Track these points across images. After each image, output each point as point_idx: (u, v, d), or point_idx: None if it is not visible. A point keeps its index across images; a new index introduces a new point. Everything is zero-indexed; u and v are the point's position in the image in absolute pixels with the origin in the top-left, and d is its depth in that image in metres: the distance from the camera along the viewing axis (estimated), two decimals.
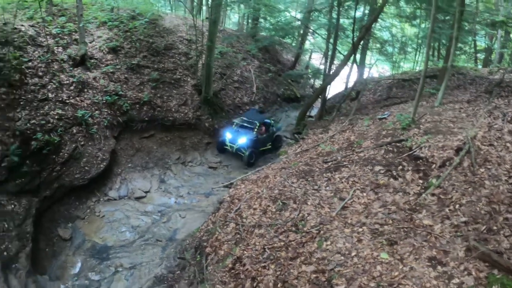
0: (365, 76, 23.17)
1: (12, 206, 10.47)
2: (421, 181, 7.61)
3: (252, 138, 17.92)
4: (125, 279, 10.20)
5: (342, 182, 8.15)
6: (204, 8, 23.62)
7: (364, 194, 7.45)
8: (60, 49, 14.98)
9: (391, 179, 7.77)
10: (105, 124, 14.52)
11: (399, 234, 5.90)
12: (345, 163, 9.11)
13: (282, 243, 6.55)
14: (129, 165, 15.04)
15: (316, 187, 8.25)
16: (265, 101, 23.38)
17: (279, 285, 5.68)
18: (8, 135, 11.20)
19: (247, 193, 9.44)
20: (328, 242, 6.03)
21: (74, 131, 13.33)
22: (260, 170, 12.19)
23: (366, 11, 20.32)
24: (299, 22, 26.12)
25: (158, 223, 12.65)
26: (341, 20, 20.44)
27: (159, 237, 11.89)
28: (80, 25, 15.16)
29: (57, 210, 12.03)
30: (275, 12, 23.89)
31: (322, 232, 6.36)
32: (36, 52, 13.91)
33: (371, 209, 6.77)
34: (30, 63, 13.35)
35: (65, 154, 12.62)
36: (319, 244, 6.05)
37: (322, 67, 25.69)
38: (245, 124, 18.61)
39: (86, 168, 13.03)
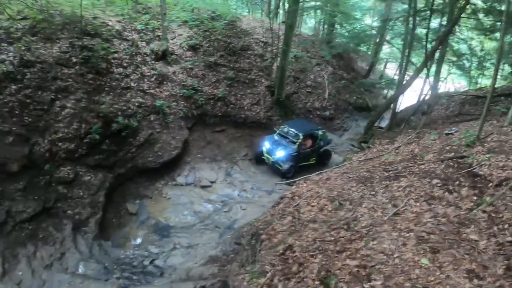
0: (439, 90, 22.30)
1: (89, 177, 11.78)
2: (475, 198, 7.62)
3: (292, 152, 16.07)
4: (181, 256, 10.86)
5: (398, 191, 8.27)
6: (280, 12, 23.99)
7: (418, 204, 7.54)
8: (144, 43, 16.27)
9: (446, 193, 7.83)
10: (181, 115, 15.40)
11: (443, 244, 5.98)
12: (405, 173, 9.20)
13: (332, 238, 6.82)
14: (199, 155, 15.74)
15: (373, 192, 8.43)
16: (336, 108, 23.28)
17: (322, 273, 5.96)
18: (92, 116, 12.46)
19: (308, 191, 9.68)
20: (375, 242, 6.24)
21: (152, 118, 14.35)
22: (323, 173, 12.25)
23: (444, 22, 19.62)
24: (374, 31, 25.79)
25: (219, 211, 13.18)
26: (418, 30, 19.77)
27: (218, 224, 12.43)
28: (164, 24, 16.24)
29: (128, 187, 13.07)
30: (350, 19, 23.77)
31: (371, 232, 6.57)
32: (122, 45, 15.24)
33: (421, 218, 6.88)
34: (116, 54, 14.65)
35: (141, 138, 13.68)
36: (366, 243, 6.27)
37: (396, 77, 25.12)
38: (288, 135, 16.80)
39: (159, 153, 13.91)
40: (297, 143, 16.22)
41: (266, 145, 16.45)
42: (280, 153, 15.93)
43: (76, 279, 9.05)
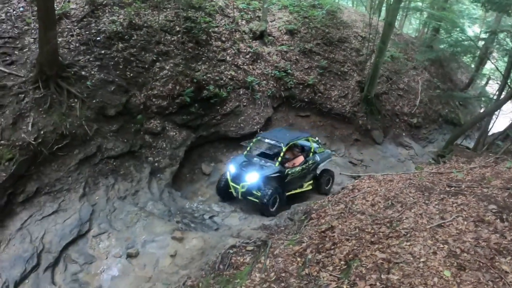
0: None
1: (174, 133, 12.58)
2: None
3: (271, 173, 11.16)
4: (238, 219, 11.19)
5: (451, 206, 8.03)
6: (384, 8, 23.15)
7: (465, 222, 7.26)
8: (244, 22, 16.81)
9: (498, 220, 7.37)
10: (269, 94, 15.57)
11: (472, 265, 5.80)
12: (465, 192, 8.81)
13: (372, 230, 6.93)
14: None
15: (427, 201, 8.29)
16: (425, 117, 21.98)
17: (350, 256, 6.19)
18: (186, 80, 13.12)
19: (368, 187, 9.75)
20: (408, 243, 6.28)
21: (241, 92, 14.76)
22: (388, 174, 11.86)
23: None
24: (480, 42, 23.93)
25: None
26: None
27: None
28: (265, 5, 16.65)
29: (206, 150, 13.69)
30: (456, 27, 22.27)
31: (408, 235, 6.59)
32: (223, 20, 15.95)
33: (462, 236, 6.70)
34: (216, 29, 15.36)
35: (228, 109, 14.13)
36: (400, 242, 6.35)
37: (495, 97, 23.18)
38: (265, 150, 12.61)
39: (242, 125, 14.27)
40: (279, 159, 11.38)
41: (230, 170, 11.52)
42: (252, 177, 10.98)
43: (142, 213, 9.76)
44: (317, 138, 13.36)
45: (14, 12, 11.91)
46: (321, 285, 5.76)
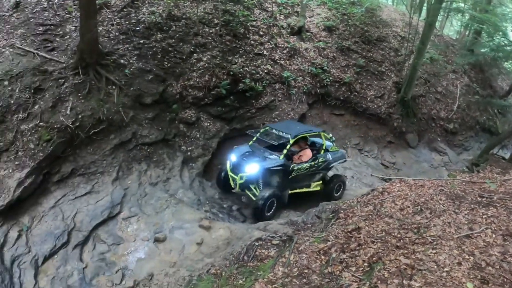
0: None
1: (208, 124, 12.61)
2: None
3: (274, 165, 10.13)
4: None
5: (481, 217, 7.82)
6: (424, 8, 22.42)
7: (493, 235, 7.08)
8: (282, 17, 16.62)
9: None
10: (304, 90, 15.31)
11: (496, 279, 5.64)
12: (497, 204, 8.52)
13: (398, 235, 6.87)
14: None
15: (457, 210, 8.11)
16: (461, 123, 21.12)
17: (374, 258, 6.14)
18: (223, 73, 13.06)
19: (398, 191, 9.61)
20: (434, 251, 6.18)
21: (276, 87, 14.55)
22: (420, 180, 11.51)
23: None
24: None
25: None
26: None
27: (310, 198, 11.91)
28: (304, 1, 16.50)
29: (239, 142, 13.29)
30: (498, 30, 21.34)
31: (435, 242, 6.48)
32: (261, 15, 15.84)
33: (489, 249, 6.55)
34: (254, 23, 15.27)
35: (263, 102, 13.98)
36: (425, 249, 6.27)
37: None
38: (271, 140, 10.92)
39: (276, 119, 14.01)
40: (284, 152, 10.34)
41: (231, 159, 10.73)
42: (251, 168, 10.06)
43: (172, 200, 9.89)
44: (330, 135, 12.18)
45: (56, 0, 12.26)
46: (342, 285, 5.73)
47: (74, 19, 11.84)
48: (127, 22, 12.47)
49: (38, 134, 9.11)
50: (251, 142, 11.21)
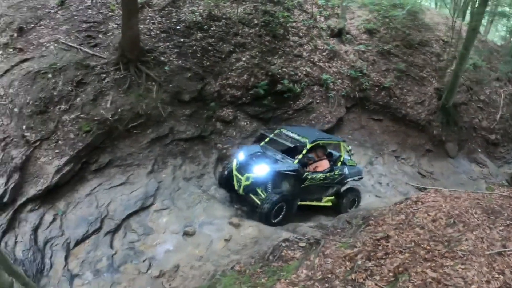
0: None
1: (245, 123, 12.59)
2: None
3: (283, 169, 9.35)
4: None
5: None
6: (468, 12, 21.64)
7: None
8: (322, 18, 16.41)
9: None
10: (343, 93, 14.96)
11: None
12: None
13: (428, 247, 6.68)
14: (349, 136, 15.04)
15: (491, 225, 7.79)
16: (504, 134, 20.15)
17: (400, 268, 6.03)
18: (261, 73, 13.00)
19: (433, 201, 9.32)
20: (463, 267, 6.01)
21: (315, 89, 14.26)
22: (456, 191, 11.05)
23: None
24: None
25: None
26: None
27: None
28: (344, 3, 16.19)
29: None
30: None
31: (465, 258, 6.28)
32: (301, 16, 15.63)
33: None
34: (294, 24, 15.08)
35: (300, 104, 13.72)
36: (454, 264, 6.09)
37: None
38: (285, 143, 10.58)
39: (313, 122, 13.76)
40: (299, 156, 9.61)
41: (239, 157, 9.97)
42: (261, 169, 9.24)
43: (205, 195, 9.95)
44: (349, 147, 11.40)
45: None
46: None
47: (116, 17, 12.11)
48: (168, 21, 12.62)
49: (78, 125, 9.46)
50: (262, 143, 10.61)
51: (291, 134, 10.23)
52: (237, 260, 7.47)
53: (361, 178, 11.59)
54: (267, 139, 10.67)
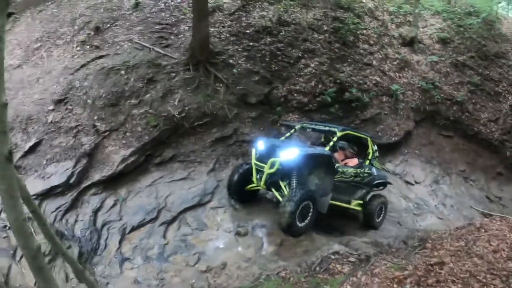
0: None
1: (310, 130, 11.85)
2: None
3: (316, 152, 8.42)
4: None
5: None
6: None
7: None
8: (393, 26, 15.70)
9: None
10: (412, 106, 14.15)
11: None
12: None
13: (483, 279, 6.18)
14: (416, 151, 14.22)
15: None
16: None
17: None
18: (330, 80, 12.69)
19: (496, 230, 8.65)
20: None
21: (384, 100, 13.62)
22: None
23: None
24: None
25: (409, 211, 12.02)
26: None
27: (402, 222, 11.30)
28: (416, 10, 15.48)
29: None
30: None
31: None
32: (372, 23, 15.11)
33: None
34: (364, 31, 14.61)
35: (368, 115, 13.13)
36: None
37: None
38: (315, 130, 10.18)
39: (380, 134, 13.10)
40: (330, 143, 8.70)
41: (258, 146, 8.81)
42: (289, 153, 7.94)
43: (261, 198, 10.02)
44: (376, 147, 10.17)
45: (172, 2, 13.06)
46: None
47: (188, 20, 12.31)
48: (238, 24, 12.66)
49: (146, 119, 9.80)
50: (283, 138, 9.82)
51: (317, 127, 9.74)
52: (284, 266, 7.41)
53: (387, 184, 10.53)
54: (288, 134, 9.92)
